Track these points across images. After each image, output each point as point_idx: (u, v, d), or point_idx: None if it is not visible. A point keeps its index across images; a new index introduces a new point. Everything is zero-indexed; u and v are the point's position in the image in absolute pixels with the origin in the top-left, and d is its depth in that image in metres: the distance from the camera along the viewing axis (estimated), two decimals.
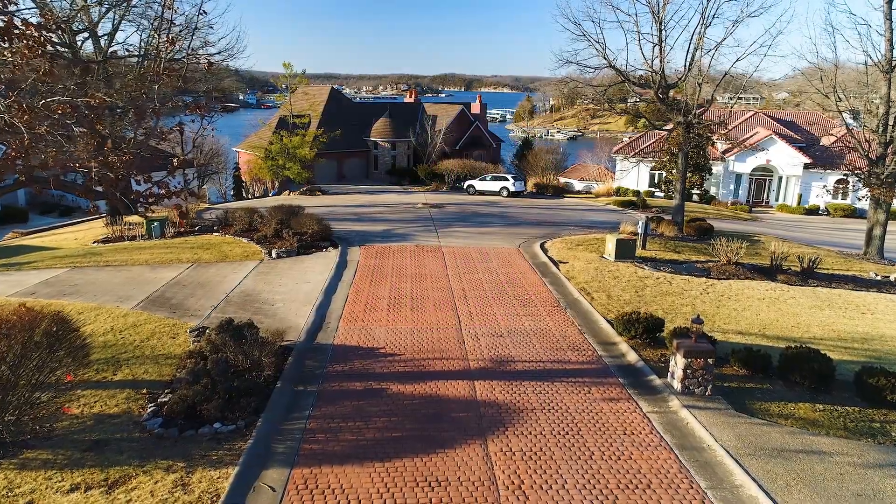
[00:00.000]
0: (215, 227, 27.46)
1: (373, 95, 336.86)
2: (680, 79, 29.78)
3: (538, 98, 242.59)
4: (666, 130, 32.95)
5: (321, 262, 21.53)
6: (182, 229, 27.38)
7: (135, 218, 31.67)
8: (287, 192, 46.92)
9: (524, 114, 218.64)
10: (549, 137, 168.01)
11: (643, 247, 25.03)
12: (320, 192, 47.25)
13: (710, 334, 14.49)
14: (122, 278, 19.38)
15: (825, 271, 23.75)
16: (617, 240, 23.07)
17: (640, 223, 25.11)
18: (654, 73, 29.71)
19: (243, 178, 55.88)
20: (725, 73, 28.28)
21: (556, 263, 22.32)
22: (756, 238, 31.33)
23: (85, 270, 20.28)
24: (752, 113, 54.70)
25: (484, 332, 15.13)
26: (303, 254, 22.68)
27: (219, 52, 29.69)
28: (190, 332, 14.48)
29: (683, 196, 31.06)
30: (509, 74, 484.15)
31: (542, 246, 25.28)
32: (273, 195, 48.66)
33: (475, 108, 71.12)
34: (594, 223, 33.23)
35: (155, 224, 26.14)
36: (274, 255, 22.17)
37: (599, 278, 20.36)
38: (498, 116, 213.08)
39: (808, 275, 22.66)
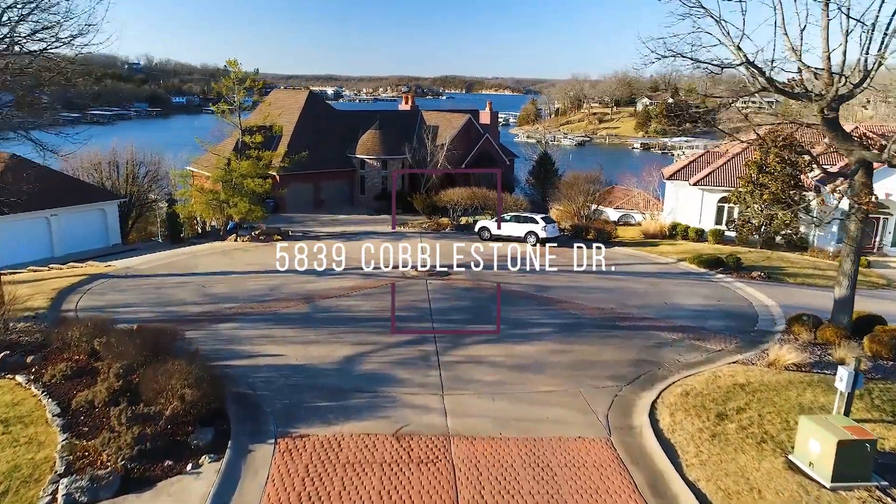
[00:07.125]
0: (34, 356, 14.86)
1: (373, 98, 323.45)
2: (856, 85, 17.20)
3: (542, 101, 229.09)
4: (748, 139, 20.42)
5: None
6: None
7: None
8: (234, 235, 34.20)
9: (529, 117, 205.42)
10: (555, 143, 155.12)
11: (847, 412, 12.45)
12: (279, 235, 34.51)
13: None
14: None
15: None
16: (839, 443, 10.46)
17: (846, 377, 12.31)
18: (809, 74, 17.24)
19: (187, 214, 43.01)
20: None
21: None
22: None
23: None
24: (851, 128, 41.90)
25: None
26: (137, 485, 9.92)
27: (38, 29, 16.75)
28: None
29: (854, 281, 18.45)
30: (510, 76, 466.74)
31: (653, 422, 12.56)
32: (218, 238, 35.96)
33: (484, 116, 57.99)
34: (693, 317, 20.59)
35: None
36: (64, 490, 9.51)
37: None
38: (501, 120, 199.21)
39: None
